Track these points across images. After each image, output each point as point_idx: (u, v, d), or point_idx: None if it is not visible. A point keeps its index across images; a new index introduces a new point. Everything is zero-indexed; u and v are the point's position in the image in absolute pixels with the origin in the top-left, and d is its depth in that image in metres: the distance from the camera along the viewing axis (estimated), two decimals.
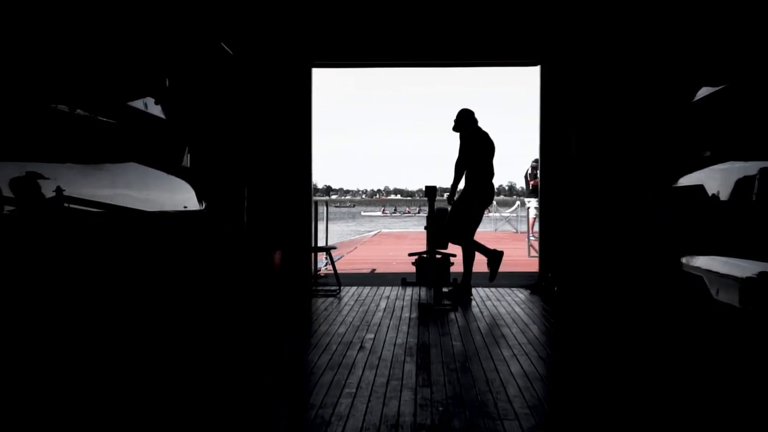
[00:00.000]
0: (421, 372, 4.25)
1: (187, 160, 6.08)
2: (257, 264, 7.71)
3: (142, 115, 5.05)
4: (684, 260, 5.15)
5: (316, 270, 9.07)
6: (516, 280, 8.64)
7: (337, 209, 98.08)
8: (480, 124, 7.38)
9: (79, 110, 4.10)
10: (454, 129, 7.34)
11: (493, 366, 4.36)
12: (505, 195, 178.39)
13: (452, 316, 6.28)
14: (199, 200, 5.84)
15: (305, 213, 8.39)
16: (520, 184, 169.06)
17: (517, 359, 4.56)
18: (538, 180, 13.56)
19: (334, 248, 8.73)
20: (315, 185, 10.48)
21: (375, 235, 21.36)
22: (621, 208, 7.61)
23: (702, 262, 4.72)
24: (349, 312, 6.46)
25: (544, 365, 4.46)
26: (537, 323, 5.92)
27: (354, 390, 3.84)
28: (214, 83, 6.85)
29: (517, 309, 6.61)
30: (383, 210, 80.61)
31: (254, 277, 7.42)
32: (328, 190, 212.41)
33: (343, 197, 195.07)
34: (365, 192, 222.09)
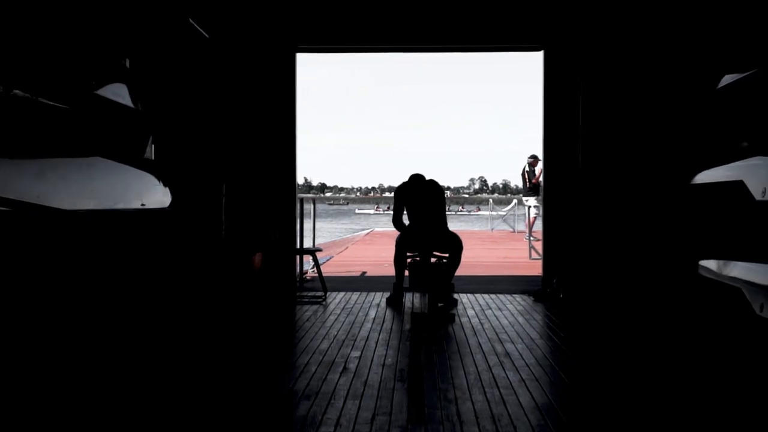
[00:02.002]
0: (413, 403, 3.57)
1: (151, 152, 5.39)
2: (236, 268, 7.02)
3: (95, 100, 4.36)
4: (715, 268, 4.49)
5: (302, 273, 8.39)
6: (517, 285, 7.98)
7: (331, 207, 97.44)
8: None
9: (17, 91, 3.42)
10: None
11: (499, 395, 3.68)
12: (499, 193, 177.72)
13: (450, 328, 5.60)
14: (163, 197, 5.14)
15: (289, 211, 7.70)
16: (515, 182, 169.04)
17: (526, 386, 3.89)
18: (538, 177, 13.00)
19: (320, 250, 8.05)
20: (309, 182, 9.82)
21: (367, 234, 20.65)
22: (633, 207, 6.98)
23: (740, 271, 4.06)
24: (334, 323, 5.78)
25: (558, 394, 3.79)
26: (545, 338, 5.25)
27: (332, 429, 3.16)
28: (185, 66, 6.15)
29: (521, 320, 5.94)
30: (376, 207, 79.96)
31: (231, 284, 6.73)
32: (322, 188, 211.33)
33: (337, 194, 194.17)
34: (359, 189, 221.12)
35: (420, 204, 6.99)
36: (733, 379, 3.99)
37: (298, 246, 7.99)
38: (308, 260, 8.53)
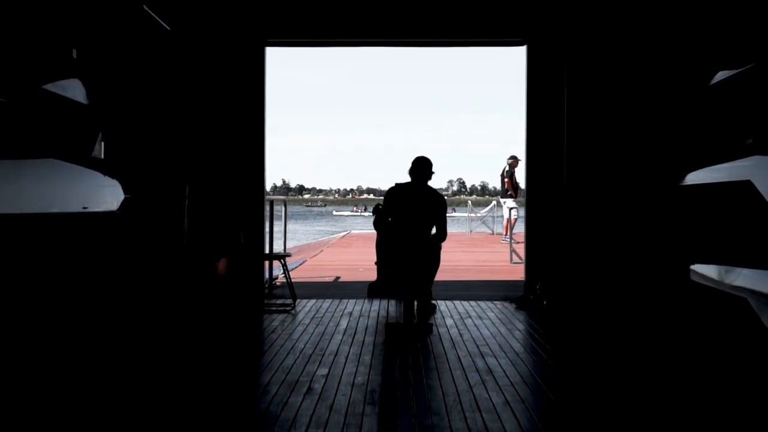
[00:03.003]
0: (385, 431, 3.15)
1: (101, 151, 4.92)
2: (198, 275, 6.55)
3: (35, 92, 3.90)
4: (716, 275, 4.12)
5: (271, 279, 7.95)
6: (498, 290, 7.60)
7: (308, 209, 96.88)
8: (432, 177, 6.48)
9: None
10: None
11: (482, 421, 3.27)
12: (477, 195, 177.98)
13: (427, 340, 5.19)
14: (111, 199, 4.67)
15: (257, 214, 7.24)
16: (492, 183, 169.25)
17: (510, 408, 3.48)
18: (509, 184, 12.66)
19: (289, 255, 7.60)
20: (288, 184, 9.37)
21: (344, 236, 20.20)
22: (620, 208, 6.62)
23: (747, 279, 3.68)
24: (301, 335, 5.35)
25: (546, 417, 3.39)
26: (529, 351, 4.86)
27: None
28: (141, 57, 5.69)
29: (503, 330, 5.54)
30: (354, 208, 79.64)
31: (193, 292, 6.26)
32: (300, 190, 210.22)
33: (315, 196, 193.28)
34: (338, 191, 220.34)
35: (408, 215, 6.17)
36: (735, 388, 3.63)
37: (267, 250, 7.54)
38: (278, 265, 8.08)
